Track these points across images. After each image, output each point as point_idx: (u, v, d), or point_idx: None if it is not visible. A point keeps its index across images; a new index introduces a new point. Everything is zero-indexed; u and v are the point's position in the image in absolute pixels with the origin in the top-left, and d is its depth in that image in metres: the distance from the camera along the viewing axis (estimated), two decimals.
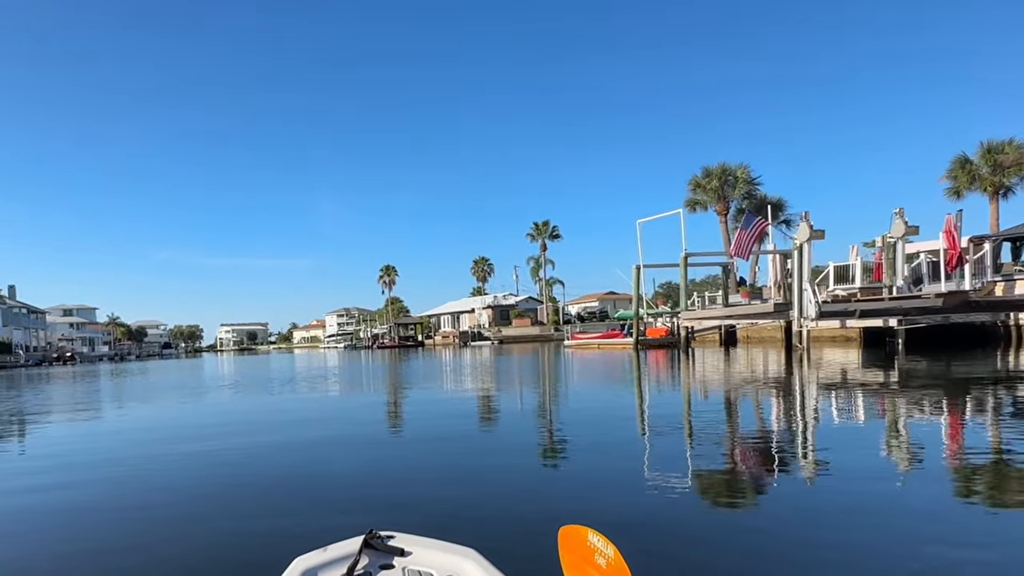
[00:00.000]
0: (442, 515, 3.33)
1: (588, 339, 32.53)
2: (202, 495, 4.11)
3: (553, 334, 58.60)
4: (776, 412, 7.33)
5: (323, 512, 3.55)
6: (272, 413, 9.59)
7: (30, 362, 53.92)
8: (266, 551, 2.79)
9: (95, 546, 3.16)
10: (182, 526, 3.41)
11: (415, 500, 3.76)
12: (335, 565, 1.65)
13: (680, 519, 3.21)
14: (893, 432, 5.65)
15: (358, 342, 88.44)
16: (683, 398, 9.47)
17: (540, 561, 2.23)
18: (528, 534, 2.95)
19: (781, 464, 4.51)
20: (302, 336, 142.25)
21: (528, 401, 9.89)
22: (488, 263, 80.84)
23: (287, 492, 4.11)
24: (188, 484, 4.50)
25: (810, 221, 16.33)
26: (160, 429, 8.29)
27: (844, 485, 3.76)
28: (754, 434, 6.07)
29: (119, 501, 4.07)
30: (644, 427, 6.71)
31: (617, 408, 9.01)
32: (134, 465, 5.35)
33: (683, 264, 22.18)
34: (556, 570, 1.76)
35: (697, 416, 7.62)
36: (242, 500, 3.97)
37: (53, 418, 9.97)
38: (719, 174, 33.12)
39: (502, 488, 4.04)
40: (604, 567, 1.48)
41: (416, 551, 1.72)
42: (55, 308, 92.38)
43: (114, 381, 21.06)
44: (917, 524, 3.02)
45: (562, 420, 7.49)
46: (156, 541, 3.15)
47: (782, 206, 33.73)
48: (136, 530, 3.37)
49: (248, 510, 3.72)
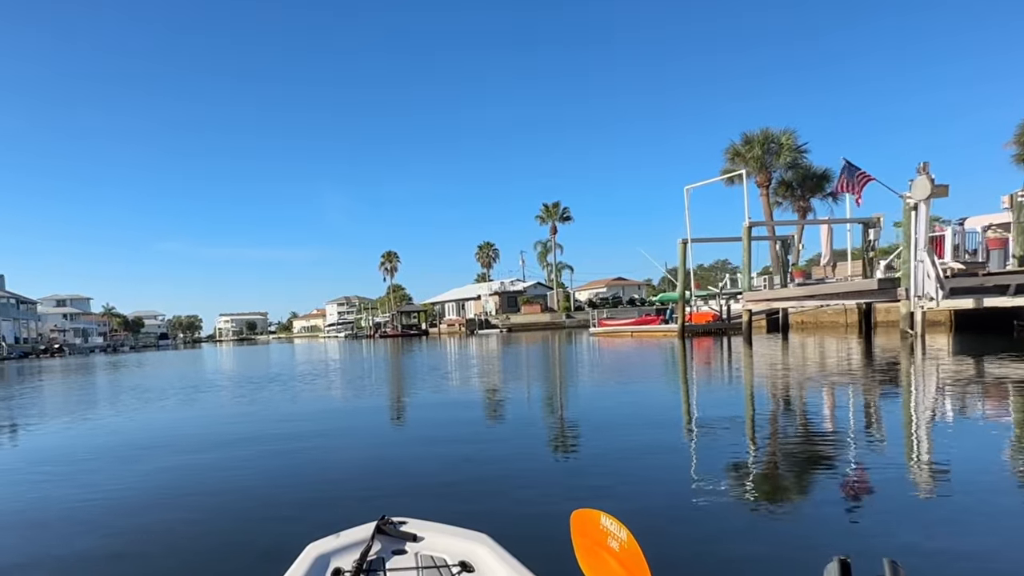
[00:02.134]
0: (454, 501, 3.37)
1: (619, 326, 28.81)
2: (213, 488, 4.06)
3: (565, 321, 55.78)
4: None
5: (335, 500, 3.56)
6: (275, 406, 8.67)
7: (13, 355, 50.87)
8: (280, 538, 2.82)
9: (113, 537, 3.15)
10: (198, 516, 3.42)
11: (427, 487, 3.77)
12: (348, 551, 1.64)
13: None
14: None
15: (359, 331, 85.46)
16: (826, 416, 6.20)
17: (552, 545, 2.16)
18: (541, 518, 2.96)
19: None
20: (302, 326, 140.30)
21: (576, 411, 7.30)
22: (493, 248, 77.92)
23: (299, 482, 4.07)
24: (200, 478, 4.37)
25: (930, 174, 12.84)
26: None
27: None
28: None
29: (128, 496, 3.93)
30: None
31: (730, 430, 5.70)
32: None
33: (746, 235, 18.65)
34: (569, 554, 1.69)
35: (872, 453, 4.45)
36: (255, 491, 3.91)
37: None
38: (761, 141, 29.42)
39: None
40: (617, 550, 1.44)
41: (428, 536, 1.72)
42: (48, 298, 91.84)
43: (98, 376, 18.81)
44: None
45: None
46: (172, 532, 3.17)
47: (828, 177, 30.23)
48: (152, 522, 3.36)
49: (261, 500, 3.69)
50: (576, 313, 58.80)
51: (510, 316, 60.64)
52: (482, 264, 78.84)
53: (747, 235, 18.56)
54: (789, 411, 6.34)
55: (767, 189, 29.97)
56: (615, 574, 1.43)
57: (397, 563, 1.62)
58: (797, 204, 30.96)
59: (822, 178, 30.18)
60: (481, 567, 1.59)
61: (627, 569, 1.38)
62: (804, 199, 30.75)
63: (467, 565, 1.60)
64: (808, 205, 30.84)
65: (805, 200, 30.79)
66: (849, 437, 4.87)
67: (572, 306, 62.67)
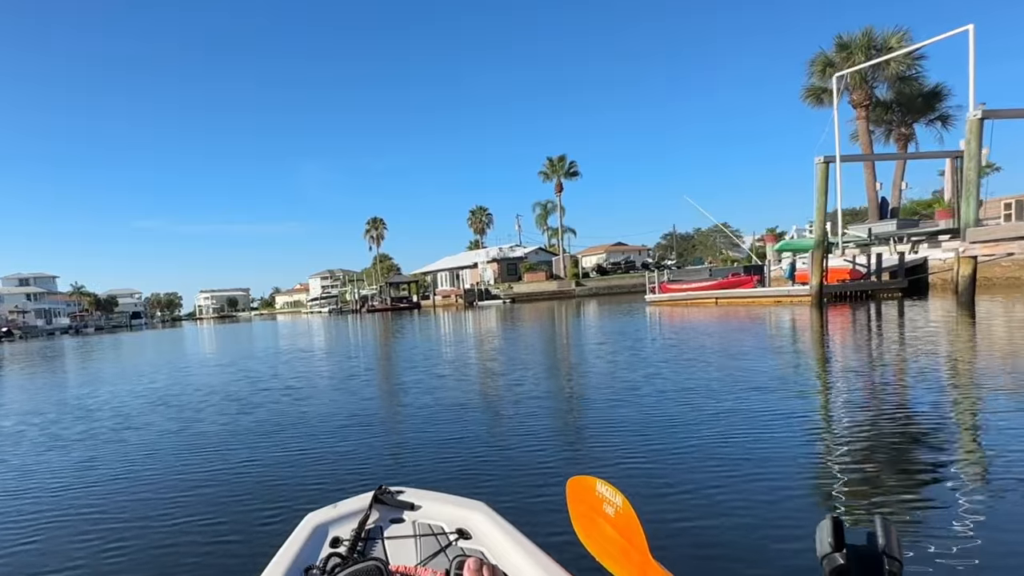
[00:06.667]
0: (452, 470, 3.49)
1: (693, 289, 21.40)
2: (207, 462, 4.18)
3: (575, 289, 49.41)
4: None
5: (333, 473, 3.65)
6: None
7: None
8: (279, 509, 3.03)
9: (114, 512, 3.28)
10: (197, 490, 3.52)
11: (425, 457, 3.85)
12: (346, 520, 1.66)
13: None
14: None
15: (344, 305, 78.30)
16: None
17: (550, 513, 2.24)
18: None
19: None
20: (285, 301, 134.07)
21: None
22: (487, 213, 71.14)
23: (296, 458, 4.11)
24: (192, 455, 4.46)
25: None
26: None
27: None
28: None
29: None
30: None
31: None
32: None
33: (973, 131, 11.46)
34: (564, 520, 1.65)
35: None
36: (253, 464, 4.03)
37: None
38: (863, 46, 22.19)
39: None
40: (612, 516, 1.42)
41: (426, 505, 1.72)
42: (11, 277, 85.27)
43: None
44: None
45: None
46: (174, 504, 3.29)
47: (940, 95, 23.26)
48: (154, 497, 3.46)
49: (260, 472, 3.81)
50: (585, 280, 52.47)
51: (512, 285, 54.04)
52: (475, 230, 72.18)
53: (975, 131, 11.35)
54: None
55: (866, 110, 22.82)
56: (610, 539, 1.41)
57: (395, 531, 1.63)
58: (897, 132, 24.01)
59: (932, 96, 23.19)
60: (478, 534, 1.59)
61: (622, 534, 1.37)
62: (907, 124, 23.80)
63: (464, 532, 1.59)
64: (911, 132, 23.92)
65: (908, 126, 23.85)
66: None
67: (580, 272, 56.03)
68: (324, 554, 1.52)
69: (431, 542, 1.57)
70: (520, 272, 58.58)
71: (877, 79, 22.49)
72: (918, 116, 23.42)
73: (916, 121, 23.64)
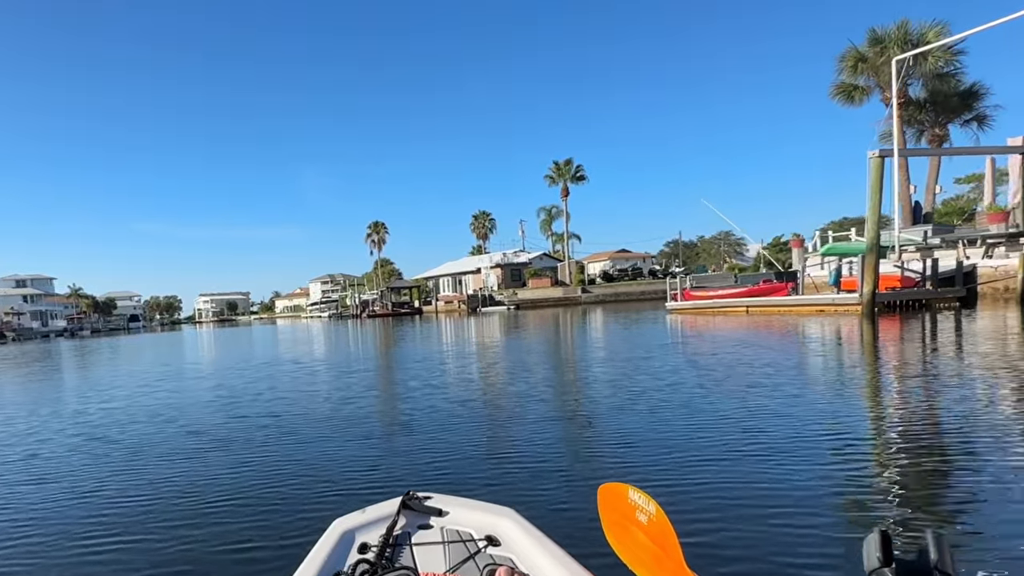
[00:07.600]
0: (481, 476, 3.42)
1: (720, 297, 19.60)
2: (233, 469, 4.06)
3: (581, 296, 48.13)
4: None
5: (361, 479, 3.58)
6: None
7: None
8: (308, 515, 2.94)
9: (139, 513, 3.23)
10: (225, 496, 3.42)
11: (451, 464, 3.77)
12: (374, 526, 1.63)
13: None
14: None
15: (344, 310, 76.94)
16: None
17: (579, 520, 2.17)
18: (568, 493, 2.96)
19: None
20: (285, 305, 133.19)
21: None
22: (489, 218, 69.96)
23: (323, 463, 4.04)
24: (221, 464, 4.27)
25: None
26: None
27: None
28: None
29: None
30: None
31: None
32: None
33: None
34: (596, 528, 1.61)
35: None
36: (281, 471, 3.93)
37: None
38: (898, 40, 20.91)
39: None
40: (645, 523, 1.38)
41: (454, 511, 1.68)
42: (7, 278, 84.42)
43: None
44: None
45: None
46: (201, 512, 3.20)
47: (977, 94, 21.96)
48: (181, 504, 3.36)
49: (289, 479, 3.71)
50: (591, 287, 51.18)
51: (516, 291, 52.74)
52: (478, 235, 70.92)
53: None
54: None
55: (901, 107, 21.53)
56: (643, 547, 1.37)
57: (423, 537, 1.59)
58: (931, 132, 22.68)
59: (968, 95, 21.89)
60: (507, 541, 1.55)
61: (655, 542, 1.33)
62: (941, 124, 22.48)
63: (493, 539, 1.56)
64: (945, 133, 22.62)
65: (942, 127, 22.52)
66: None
67: (586, 279, 54.70)
68: (352, 560, 1.48)
69: (460, 549, 1.53)
70: (524, 278, 57.32)
71: (912, 76, 21.22)
72: (953, 116, 22.14)
73: (951, 121, 22.38)
